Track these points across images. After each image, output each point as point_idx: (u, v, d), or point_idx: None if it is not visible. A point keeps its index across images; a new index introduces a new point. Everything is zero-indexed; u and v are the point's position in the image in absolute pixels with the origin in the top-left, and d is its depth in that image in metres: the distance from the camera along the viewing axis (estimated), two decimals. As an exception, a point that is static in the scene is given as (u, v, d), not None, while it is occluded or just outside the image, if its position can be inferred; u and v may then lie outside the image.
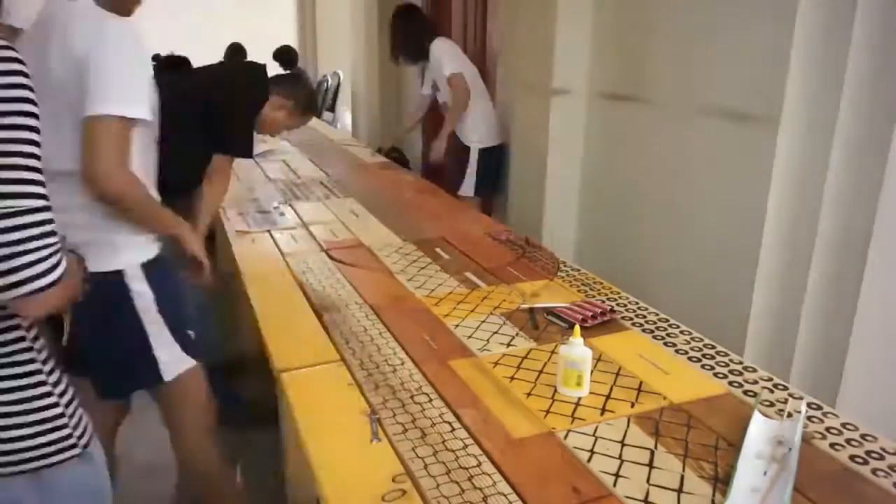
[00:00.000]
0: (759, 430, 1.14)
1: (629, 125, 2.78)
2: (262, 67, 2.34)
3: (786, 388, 1.30)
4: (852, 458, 1.09)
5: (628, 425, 1.18)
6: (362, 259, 2.02)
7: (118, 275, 1.43)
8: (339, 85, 6.92)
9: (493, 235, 2.27)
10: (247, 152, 2.21)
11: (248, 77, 2.29)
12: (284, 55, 6.42)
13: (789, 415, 1.20)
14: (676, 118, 2.50)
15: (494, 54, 3.92)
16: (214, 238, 2.54)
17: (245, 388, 2.48)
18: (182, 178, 1.98)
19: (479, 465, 1.07)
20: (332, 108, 6.89)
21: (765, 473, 1.02)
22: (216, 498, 1.80)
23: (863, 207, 1.94)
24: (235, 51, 5.91)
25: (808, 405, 1.24)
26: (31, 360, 1.01)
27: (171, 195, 1.65)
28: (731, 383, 1.32)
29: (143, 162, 1.47)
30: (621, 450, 1.11)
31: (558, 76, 2.99)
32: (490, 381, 1.32)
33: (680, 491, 1.02)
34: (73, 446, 1.06)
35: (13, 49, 0.91)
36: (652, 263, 2.68)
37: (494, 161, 3.43)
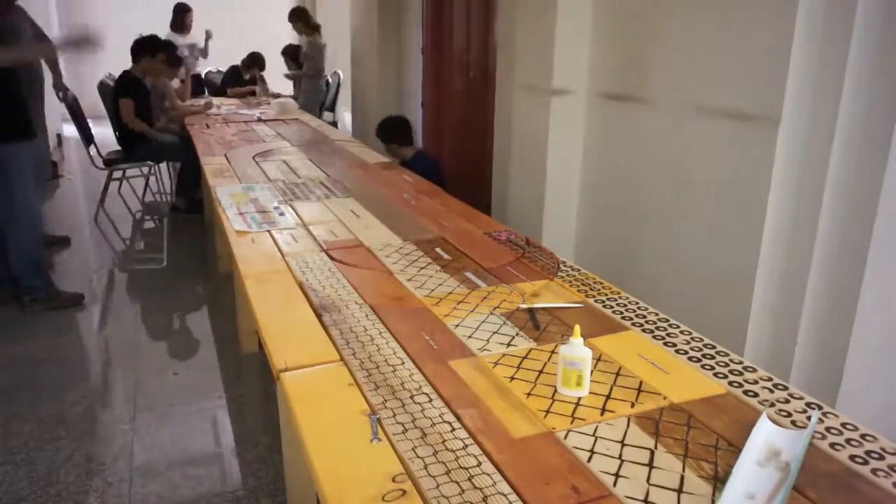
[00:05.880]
0: (765, 436, 1.12)
1: (629, 125, 2.78)
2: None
3: (786, 388, 1.30)
4: (852, 458, 1.09)
5: (628, 425, 1.18)
6: (362, 259, 2.02)
7: None
8: (339, 85, 6.93)
9: (493, 235, 2.27)
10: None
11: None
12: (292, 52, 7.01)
13: (795, 422, 1.20)
14: (676, 118, 2.50)
15: (496, 54, 3.93)
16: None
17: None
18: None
19: (479, 465, 1.07)
20: (332, 108, 6.89)
21: (765, 481, 1.01)
22: None
23: (863, 207, 1.94)
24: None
25: (808, 405, 1.24)
26: None
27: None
28: (731, 383, 1.32)
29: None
30: (621, 450, 1.11)
31: (558, 76, 2.99)
32: (490, 381, 1.32)
33: (680, 491, 1.02)
34: None
35: None
36: (652, 263, 2.69)
37: None
